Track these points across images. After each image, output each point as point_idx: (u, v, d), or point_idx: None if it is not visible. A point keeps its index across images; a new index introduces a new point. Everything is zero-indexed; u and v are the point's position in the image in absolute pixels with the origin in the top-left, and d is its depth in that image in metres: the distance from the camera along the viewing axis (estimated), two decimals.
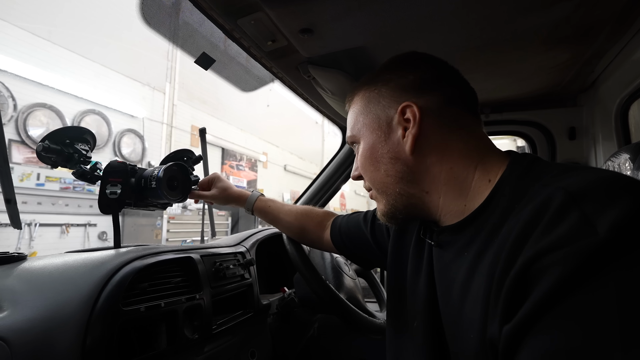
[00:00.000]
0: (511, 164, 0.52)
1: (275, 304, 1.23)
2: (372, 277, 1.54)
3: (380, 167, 0.60)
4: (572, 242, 0.35)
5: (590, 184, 0.39)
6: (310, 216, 1.05)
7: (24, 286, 0.62)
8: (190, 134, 8.02)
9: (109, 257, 0.72)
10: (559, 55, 1.10)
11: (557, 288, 0.34)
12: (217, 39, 0.94)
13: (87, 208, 5.17)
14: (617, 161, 1.02)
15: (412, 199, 0.59)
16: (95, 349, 0.59)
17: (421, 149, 0.57)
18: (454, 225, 0.56)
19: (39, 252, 4.39)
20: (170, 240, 5.74)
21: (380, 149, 0.60)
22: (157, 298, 0.74)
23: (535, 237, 0.39)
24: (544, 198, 0.41)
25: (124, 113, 6.25)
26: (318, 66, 1.03)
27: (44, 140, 0.81)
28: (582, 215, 0.36)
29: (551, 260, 0.35)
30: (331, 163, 1.81)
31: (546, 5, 0.82)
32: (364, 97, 0.64)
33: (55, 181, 4.65)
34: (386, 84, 0.61)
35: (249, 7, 0.80)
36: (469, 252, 0.52)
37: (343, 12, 0.80)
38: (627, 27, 0.97)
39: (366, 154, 0.62)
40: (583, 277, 0.33)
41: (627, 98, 1.24)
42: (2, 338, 0.51)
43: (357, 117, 0.65)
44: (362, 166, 0.64)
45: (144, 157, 6.53)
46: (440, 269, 0.59)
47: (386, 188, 0.61)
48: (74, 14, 5.29)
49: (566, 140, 1.47)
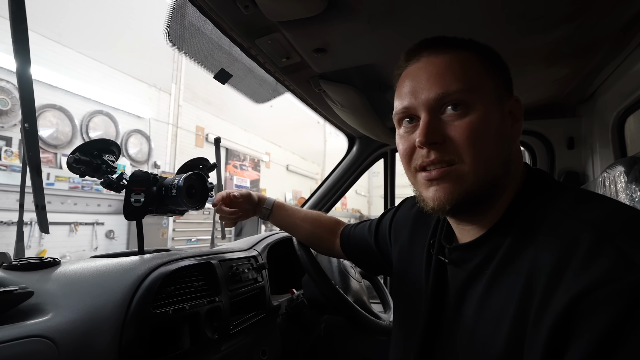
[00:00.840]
0: (527, 184, 0.54)
1: (284, 305, 1.27)
2: (376, 280, 1.59)
3: (497, 144, 0.52)
4: (619, 279, 0.35)
5: (617, 219, 0.41)
6: (324, 224, 1.08)
7: (63, 290, 0.67)
8: (195, 134, 8.06)
9: (137, 263, 0.77)
10: (559, 70, 1.15)
11: (617, 324, 0.34)
12: (235, 55, 0.98)
13: (95, 207, 5.23)
14: (613, 173, 1.06)
15: (492, 190, 0.53)
16: (130, 349, 0.64)
17: (515, 146, 0.56)
18: (469, 244, 0.56)
19: (48, 250, 4.45)
20: (176, 239, 5.79)
21: (499, 126, 0.53)
22: (182, 301, 0.79)
23: (573, 273, 0.39)
24: (573, 232, 0.42)
25: (131, 114, 6.30)
26: (329, 81, 1.08)
27: (74, 152, 0.86)
28: (620, 251, 0.37)
29: (601, 298, 0.36)
30: (337, 168, 1.86)
31: (548, 28, 0.87)
32: (480, 60, 0.54)
33: (65, 181, 4.70)
34: (500, 69, 0.56)
35: (267, 28, 0.85)
36: (487, 271, 0.52)
37: (355, 34, 0.85)
38: (625, 45, 1.01)
39: (484, 123, 0.51)
40: (637, 315, 0.34)
41: (624, 111, 1.28)
42: (50, 338, 0.56)
43: (477, 76, 0.53)
44: (476, 136, 0.51)
45: (150, 157, 6.58)
46: (456, 288, 0.59)
47: (490, 169, 0.52)
48: (84, 17, 5.34)
49: (565, 150, 1.51)
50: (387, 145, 1.78)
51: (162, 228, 5.67)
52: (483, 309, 0.51)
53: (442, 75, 0.53)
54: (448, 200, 0.52)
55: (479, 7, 0.77)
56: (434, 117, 0.53)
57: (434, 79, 0.53)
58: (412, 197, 0.84)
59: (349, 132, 1.75)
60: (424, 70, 0.55)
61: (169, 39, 0.83)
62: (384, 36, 0.86)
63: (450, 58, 0.53)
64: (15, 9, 0.58)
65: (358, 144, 1.80)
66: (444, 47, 0.55)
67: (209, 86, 7.99)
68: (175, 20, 0.79)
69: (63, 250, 4.76)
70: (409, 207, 0.83)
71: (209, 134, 8.35)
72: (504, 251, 0.50)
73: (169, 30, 0.81)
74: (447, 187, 0.52)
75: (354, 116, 1.32)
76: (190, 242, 6.00)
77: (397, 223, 0.85)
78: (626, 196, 0.97)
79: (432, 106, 0.53)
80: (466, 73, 0.52)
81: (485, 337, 0.49)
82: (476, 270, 0.54)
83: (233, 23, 0.82)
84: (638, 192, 0.94)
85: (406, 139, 0.57)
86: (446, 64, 0.53)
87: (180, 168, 1.14)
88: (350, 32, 0.84)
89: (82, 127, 5.40)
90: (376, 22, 0.80)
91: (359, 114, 1.31)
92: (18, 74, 0.64)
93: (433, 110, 0.53)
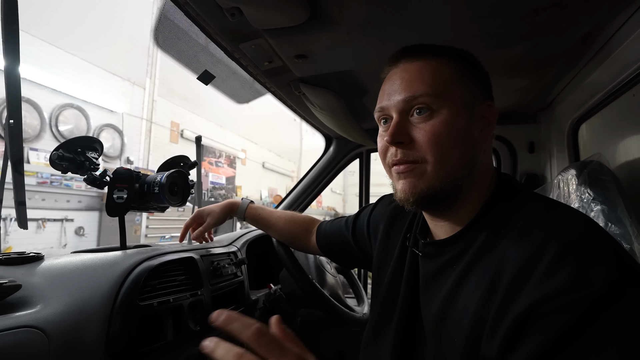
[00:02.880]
0: (497, 189, 0.59)
1: (262, 299, 1.31)
2: (351, 275, 1.65)
3: (458, 146, 0.56)
4: (573, 292, 0.40)
5: (580, 235, 0.45)
6: (298, 223, 1.13)
7: (49, 283, 0.69)
8: (170, 130, 7.91)
9: (122, 258, 0.80)
10: (521, 81, 1.24)
11: (563, 333, 0.39)
12: (218, 58, 1.01)
13: (64, 203, 5.07)
14: (566, 176, 1.16)
15: (457, 190, 0.57)
16: (117, 339, 0.67)
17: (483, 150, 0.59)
18: (444, 241, 0.61)
19: (14, 247, 4.27)
20: (150, 236, 5.69)
21: (463, 130, 0.56)
22: (166, 294, 0.81)
23: (536, 280, 0.43)
24: (538, 243, 0.46)
25: (103, 108, 6.13)
26: (309, 84, 1.13)
27: (58, 149, 0.86)
28: (579, 266, 0.41)
29: (555, 306, 0.40)
30: (314, 167, 1.91)
31: (509, 44, 0.95)
32: (457, 67, 0.58)
33: (32, 175, 4.53)
34: (471, 70, 0.59)
35: (251, 34, 0.88)
36: (457, 265, 0.56)
37: (335, 43, 0.90)
38: (578, 60, 1.11)
39: (447, 127, 0.55)
40: (586, 323, 0.39)
41: (577, 119, 1.39)
42: (40, 329, 0.57)
43: (444, 82, 0.57)
44: (438, 138, 0.55)
45: (123, 153, 6.42)
46: (425, 278, 0.63)
47: (452, 169, 0.56)
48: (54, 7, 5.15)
49: (526, 153, 1.62)
50: (363, 146, 1.84)
51: (134, 225, 5.56)
52: (452, 300, 0.55)
53: (412, 80, 0.57)
54: (412, 193, 0.57)
55: (447, 24, 0.84)
56: (403, 119, 0.57)
57: (405, 84, 0.57)
58: (389, 194, 0.89)
59: (327, 133, 1.80)
60: (399, 76, 0.59)
61: (155, 41, 0.85)
62: (361, 45, 0.92)
63: (423, 65, 0.58)
64: (7, 10, 0.60)
65: (335, 144, 1.86)
66: (420, 55, 0.59)
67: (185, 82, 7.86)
68: (163, 24, 0.81)
69: (30, 247, 4.55)
70: (387, 204, 0.88)
71: (184, 129, 8.22)
72: (474, 250, 0.54)
73: (156, 33, 0.84)
74: (411, 181, 0.57)
75: (331, 118, 1.37)
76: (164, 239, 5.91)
77: (375, 218, 0.90)
78: (576, 197, 1.07)
79: (401, 108, 0.57)
80: (435, 79, 0.56)
81: (452, 327, 0.54)
82: (446, 264, 0.59)
83: (219, 28, 0.85)
84: (586, 194, 1.04)
85: (382, 138, 0.61)
86: (418, 70, 0.58)
87: (162, 165, 1.15)
88: (330, 41, 0.89)
89: (51, 121, 5.21)
90: (355, 33, 0.85)
91: (336, 116, 1.36)
92: (6, 73, 0.65)
93: (403, 112, 0.57)
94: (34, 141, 4.99)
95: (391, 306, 0.70)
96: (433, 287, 0.61)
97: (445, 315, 0.56)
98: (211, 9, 0.76)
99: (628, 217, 0.95)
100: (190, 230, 1.18)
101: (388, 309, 0.70)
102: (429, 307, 0.61)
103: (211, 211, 1.16)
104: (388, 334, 0.67)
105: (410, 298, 0.66)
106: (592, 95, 1.21)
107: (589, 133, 1.42)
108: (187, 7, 0.78)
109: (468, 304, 0.51)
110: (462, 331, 0.51)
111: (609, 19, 0.87)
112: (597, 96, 1.19)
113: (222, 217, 1.16)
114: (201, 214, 1.17)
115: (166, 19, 0.81)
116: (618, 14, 0.86)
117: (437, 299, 0.58)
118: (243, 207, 1.17)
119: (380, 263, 0.80)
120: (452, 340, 0.53)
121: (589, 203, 1.02)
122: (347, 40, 0.88)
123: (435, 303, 0.59)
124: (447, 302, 0.56)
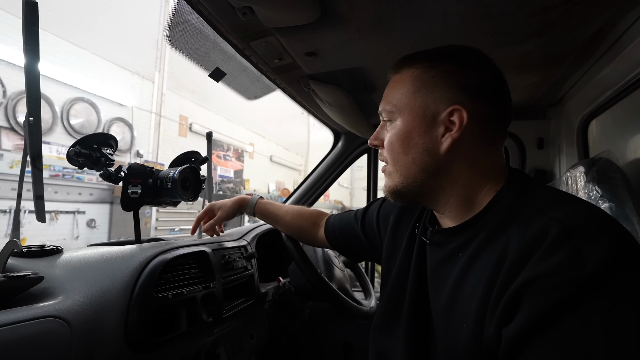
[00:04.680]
0: (508, 182, 0.59)
1: (271, 292, 1.34)
2: (358, 269, 1.67)
3: (410, 153, 0.60)
4: (566, 272, 0.42)
5: (581, 220, 0.46)
6: (305, 217, 1.15)
7: (70, 275, 0.71)
8: (179, 124, 7.96)
9: (138, 251, 0.82)
10: (530, 77, 1.23)
11: (552, 309, 0.41)
12: (229, 55, 1.03)
13: (76, 195, 5.15)
14: (574, 173, 1.16)
15: (427, 189, 0.62)
16: (135, 329, 0.69)
17: (452, 152, 0.58)
18: (452, 229, 0.62)
19: (28, 238, 4.36)
20: (160, 229, 5.77)
21: (417, 138, 0.60)
22: (179, 287, 0.84)
23: (534, 260, 0.45)
24: (542, 226, 0.47)
25: (113, 101, 6.19)
26: (318, 81, 1.13)
27: (75, 146, 0.89)
28: (575, 249, 0.43)
29: (546, 284, 0.42)
30: (323, 162, 1.92)
31: (519, 41, 0.95)
32: (417, 77, 0.61)
33: (45, 168, 4.61)
34: (445, 75, 0.59)
35: (262, 32, 0.89)
36: (464, 253, 0.57)
37: (345, 41, 0.91)
38: (589, 57, 1.10)
39: (400, 136, 0.61)
40: (573, 302, 0.41)
41: (588, 115, 1.38)
42: (63, 319, 0.60)
43: (402, 95, 0.61)
44: (391, 145, 0.62)
45: (133, 146, 6.49)
46: (433, 266, 0.65)
47: (407, 172, 0.61)
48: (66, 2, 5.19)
49: (535, 149, 1.61)
50: None
51: (145, 217, 5.63)
52: (459, 288, 0.56)
53: (386, 93, 0.66)
54: (387, 189, 0.66)
55: (457, 22, 0.84)
56: (382, 125, 0.67)
57: (384, 95, 0.66)
58: None
59: (335, 128, 1.81)
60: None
61: (169, 40, 0.86)
62: (371, 43, 0.92)
63: (395, 79, 0.65)
64: (28, 13, 0.61)
65: (343, 139, 1.86)
66: (400, 67, 0.65)
67: (194, 76, 7.89)
68: (176, 22, 0.83)
69: (43, 239, 4.68)
70: None
71: (193, 123, 8.26)
72: (481, 238, 0.55)
73: (170, 32, 0.85)
74: (386, 180, 0.67)
75: (340, 114, 1.38)
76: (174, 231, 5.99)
77: (385, 211, 0.91)
78: (584, 194, 1.07)
79: (381, 116, 0.66)
80: (395, 93, 0.63)
81: (460, 313, 0.55)
82: (453, 252, 0.60)
83: (230, 27, 0.86)
84: (594, 192, 1.04)
85: None
86: (390, 84, 0.66)
87: (173, 161, 1.18)
88: (340, 39, 0.90)
89: (62, 114, 5.28)
90: (364, 31, 0.86)
91: (345, 112, 1.37)
92: (27, 72, 0.67)
93: (382, 119, 0.66)
94: (46, 134, 5.06)
95: (401, 295, 0.71)
96: (440, 275, 0.62)
97: (453, 301, 0.57)
98: (223, 7, 0.77)
99: (636, 215, 0.95)
100: (202, 222, 1.21)
101: (397, 297, 0.72)
102: (437, 294, 0.62)
103: (222, 205, 1.19)
104: (399, 322, 0.69)
105: (418, 286, 0.68)
106: (603, 92, 1.20)
107: (598, 130, 1.41)
108: (200, 6, 0.79)
109: (475, 289, 0.53)
110: (469, 316, 0.52)
111: (621, 15, 0.86)
112: (607, 93, 1.18)
113: (233, 212, 1.19)
114: (213, 207, 1.20)
115: (179, 18, 0.82)
116: (631, 10, 0.85)
117: (445, 286, 0.59)
118: (253, 202, 1.19)
119: (390, 254, 0.82)
120: (460, 326, 0.54)
121: (597, 200, 1.02)
122: (356, 38, 0.89)
123: (443, 290, 0.60)
124: (454, 289, 0.57)
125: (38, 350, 0.55)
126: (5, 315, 0.55)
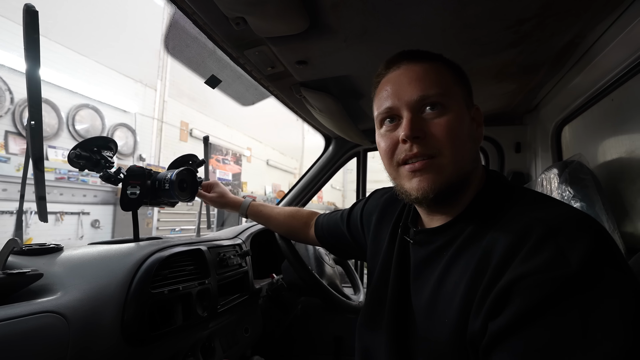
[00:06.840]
0: (487, 184, 0.59)
1: (265, 288, 1.33)
2: (347, 265, 1.66)
3: (467, 142, 0.58)
4: (550, 271, 0.42)
5: (562, 219, 0.46)
6: (297, 217, 1.15)
7: (68, 272, 0.70)
8: (180, 129, 7.92)
9: (135, 249, 0.81)
10: (507, 85, 1.24)
11: (538, 304, 0.41)
12: (224, 63, 1.02)
13: (80, 197, 5.09)
14: (549, 175, 1.17)
15: (465, 182, 0.58)
16: (132, 323, 0.68)
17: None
18: (435, 229, 0.61)
19: (34, 238, 4.30)
20: (161, 229, 5.72)
21: (467, 128, 0.58)
22: (175, 283, 0.83)
23: (520, 259, 0.45)
24: (525, 226, 0.47)
25: (117, 108, 6.13)
26: (309, 88, 1.13)
27: (75, 149, 0.87)
28: (558, 248, 0.43)
29: (533, 282, 0.42)
30: (315, 165, 1.92)
31: (496, 51, 0.96)
32: (453, 73, 0.60)
33: (51, 171, 4.55)
34: (464, 82, 0.62)
35: (255, 41, 0.89)
36: (447, 252, 0.57)
37: (333, 50, 0.91)
38: (562, 66, 1.11)
39: (459, 122, 0.57)
40: (557, 299, 0.40)
41: (561, 121, 1.40)
42: (61, 314, 0.59)
43: (448, 83, 0.58)
44: (451, 131, 0.55)
45: (136, 150, 6.43)
46: (416, 265, 0.64)
47: (464, 164, 0.57)
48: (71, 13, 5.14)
49: (513, 153, 1.63)
50: (360, 145, 1.85)
51: (147, 218, 5.58)
52: (441, 285, 0.56)
53: (421, 80, 0.57)
54: (431, 189, 0.55)
55: (438, 32, 0.85)
56: (416, 116, 0.57)
57: (415, 83, 0.57)
58: (381, 189, 0.92)
59: (326, 133, 1.81)
60: (405, 76, 0.59)
61: (166, 48, 0.86)
62: (358, 52, 0.92)
63: (427, 67, 0.58)
64: (29, 20, 0.61)
65: (334, 144, 1.86)
66: (421, 58, 0.60)
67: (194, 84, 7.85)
68: (172, 32, 0.82)
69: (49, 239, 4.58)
70: (379, 197, 0.89)
71: (193, 129, 8.22)
72: (464, 238, 0.55)
73: (167, 41, 0.85)
74: (429, 177, 0.55)
75: (330, 120, 1.38)
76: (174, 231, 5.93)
77: (368, 210, 0.90)
78: (558, 195, 1.08)
79: (414, 106, 0.57)
80: (441, 79, 0.57)
81: (441, 311, 0.54)
82: (437, 251, 0.59)
83: (225, 36, 0.86)
84: (567, 192, 1.05)
85: (388, 137, 0.60)
86: (424, 71, 0.58)
87: (172, 163, 1.17)
88: (328, 48, 0.90)
89: (68, 120, 5.22)
90: (351, 41, 0.86)
91: (335, 118, 1.37)
92: (28, 77, 0.66)
93: (415, 109, 0.57)
94: (53, 139, 5.00)
95: (383, 293, 0.70)
96: (423, 274, 0.61)
97: (435, 298, 0.56)
98: (217, 18, 0.77)
99: (605, 214, 0.96)
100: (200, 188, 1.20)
101: (380, 296, 0.71)
102: (419, 293, 0.61)
103: (221, 192, 1.19)
104: (382, 320, 0.68)
105: (400, 284, 0.66)
106: (575, 99, 1.22)
107: (571, 134, 1.43)
108: (195, 16, 0.79)
109: (457, 287, 0.52)
110: (451, 313, 0.52)
111: (590, 27, 0.88)
112: (579, 100, 1.20)
113: (221, 203, 1.19)
114: (214, 186, 1.20)
115: (176, 28, 0.82)
116: (598, 23, 0.86)
117: (428, 285, 0.59)
118: (245, 205, 1.18)
119: (373, 253, 0.81)
120: (442, 321, 0.54)
121: (569, 200, 1.03)
122: (344, 47, 0.89)
123: (425, 289, 0.59)
124: (436, 286, 0.56)
125: (36, 343, 0.54)
126: (5, 311, 0.54)
